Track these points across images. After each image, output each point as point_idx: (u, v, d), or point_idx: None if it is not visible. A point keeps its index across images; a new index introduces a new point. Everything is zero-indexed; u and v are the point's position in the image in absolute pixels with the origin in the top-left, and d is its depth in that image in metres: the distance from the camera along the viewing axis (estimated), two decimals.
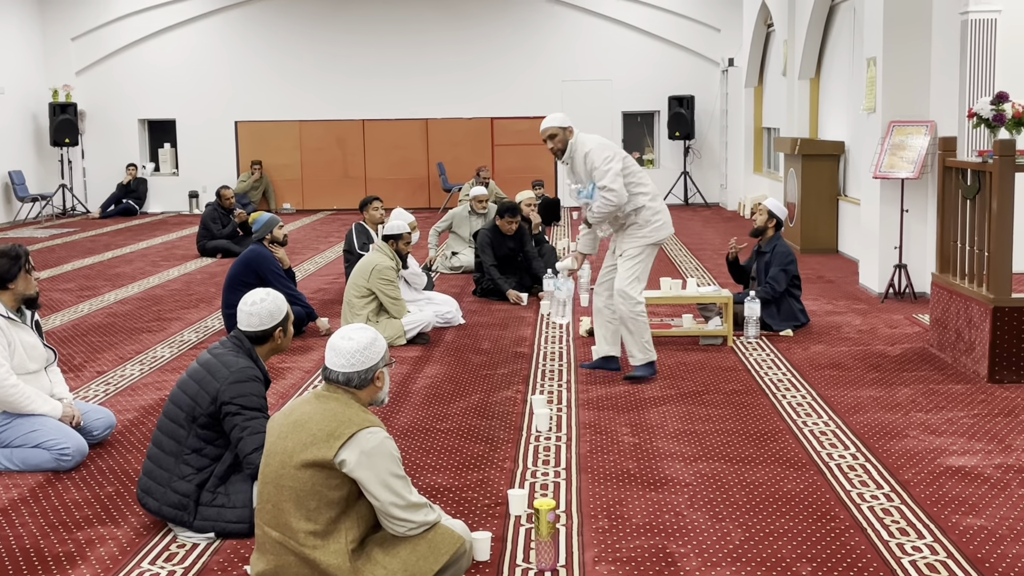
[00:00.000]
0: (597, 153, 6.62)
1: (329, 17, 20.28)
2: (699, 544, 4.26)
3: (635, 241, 6.74)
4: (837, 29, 13.78)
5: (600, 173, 6.57)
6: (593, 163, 6.60)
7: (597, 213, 6.64)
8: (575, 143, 6.74)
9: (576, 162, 6.74)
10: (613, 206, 6.56)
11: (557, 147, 6.76)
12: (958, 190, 7.24)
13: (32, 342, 5.49)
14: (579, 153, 6.70)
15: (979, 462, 5.21)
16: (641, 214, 6.75)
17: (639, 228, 6.76)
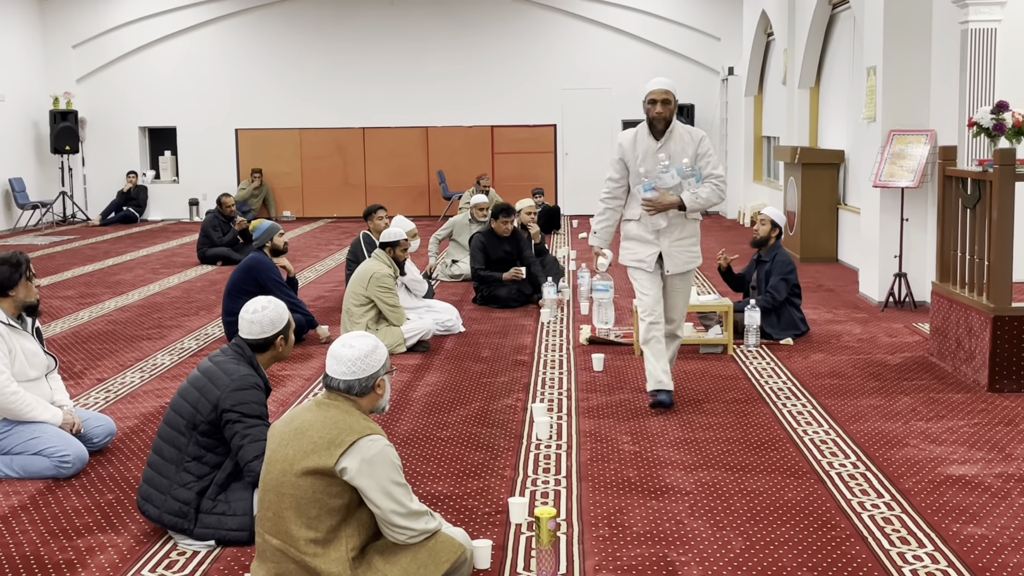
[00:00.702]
0: (710, 140, 6.31)
1: (330, 25, 20.32)
2: (700, 553, 4.26)
3: (692, 258, 6.35)
4: (837, 38, 13.81)
5: (714, 162, 6.22)
6: (708, 149, 6.22)
7: (704, 200, 6.14)
8: (676, 121, 6.23)
9: (675, 140, 6.18)
10: (718, 199, 6.20)
11: (666, 115, 6.13)
12: (958, 199, 7.25)
13: (33, 349, 5.50)
14: (683, 132, 6.20)
15: (979, 471, 5.21)
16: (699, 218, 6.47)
17: (695, 240, 6.39)
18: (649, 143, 6.17)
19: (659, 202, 6.11)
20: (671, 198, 6.09)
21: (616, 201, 6.42)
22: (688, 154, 6.15)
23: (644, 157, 6.17)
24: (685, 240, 6.28)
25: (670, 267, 6.27)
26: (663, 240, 6.24)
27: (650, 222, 6.19)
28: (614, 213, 6.44)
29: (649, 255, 6.27)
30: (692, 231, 6.33)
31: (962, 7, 8.68)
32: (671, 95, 6.13)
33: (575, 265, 12.17)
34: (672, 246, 6.25)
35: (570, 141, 20.42)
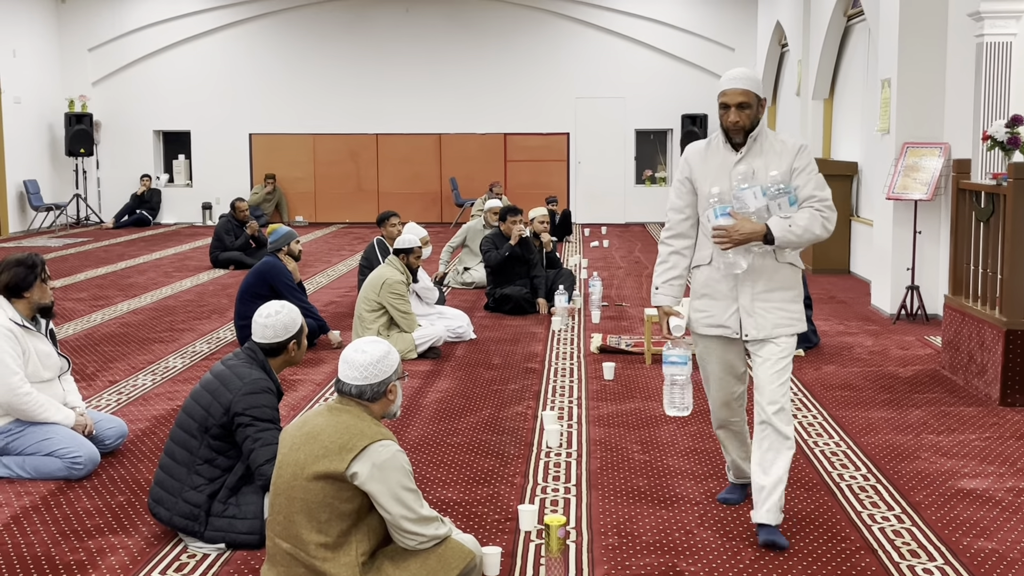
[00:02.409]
0: (811, 153, 4.52)
1: (344, 32, 20.37)
2: (709, 563, 4.26)
3: (787, 319, 4.50)
4: (851, 50, 13.80)
5: (817, 181, 4.44)
6: (808, 163, 4.46)
7: (802, 230, 4.34)
8: (763, 125, 4.54)
9: (763, 152, 4.48)
10: (822, 231, 4.37)
11: (743, 123, 4.43)
12: (972, 212, 7.24)
13: (46, 351, 5.52)
14: (775, 142, 4.51)
15: (991, 485, 5.19)
16: (799, 260, 4.61)
17: (793, 295, 4.54)
18: (726, 156, 4.47)
19: (736, 231, 4.29)
20: (753, 225, 4.31)
21: (682, 241, 4.63)
22: (780, 166, 4.43)
23: (718, 174, 4.47)
24: (775, 294, 4.47)
25: (751, 330, 4.46)
26: (743, 292, 4.47)
27: (724, 262, 4.42)
28: (680, 258, 4.63)
29: (730, 316, 4.50)
30: (787, 281, 4.50)
31: (978, 20, 8.67)
32: (752, 96, 4.41)
33: (586, 274, 12.18)
34: (756, 301, 4.46)
35: (583, 150, 20.44)
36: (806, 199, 4.42)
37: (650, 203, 20.30)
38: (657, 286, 4.69)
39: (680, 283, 4.67)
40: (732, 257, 4.40)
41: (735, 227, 4.32)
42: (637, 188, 20.60)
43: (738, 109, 4.42)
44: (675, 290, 4.66)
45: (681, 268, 4.66)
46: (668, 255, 4.67)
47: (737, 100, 4.42)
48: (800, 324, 4.51)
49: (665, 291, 4.66)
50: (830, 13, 13.67)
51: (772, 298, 4.48)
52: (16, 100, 18.82)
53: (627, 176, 20.51)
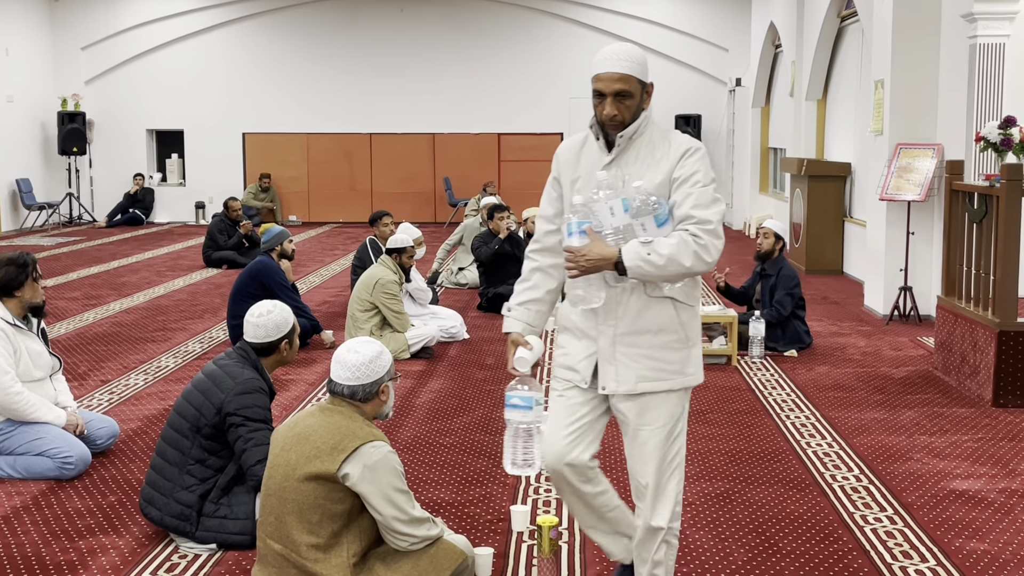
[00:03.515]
0: (704, 160, 3.49)
1: (339, 31, 20.35)
2: (702, 564, 4.26)
3: (662, 369, 3.54)
4: (845, 51, 13.82)
5: (705, 196, 3.42)
6: (694, 171, 3.45)
7: (665, 259, 3.32)
8: (649, 121, 3.56)
9: (637, 153, 3.52)
10: (695, 262, 3.35)
11: (622, 116, 3.47)
12: (964, 213, 7.25)
13: (38, 350, 5.50)
14: (658, 141, 3.52)
15: (983, 486, 5.20)
16: (692, 295, 3.61)
17: (674, 339, 3.55)
18: (597, 157, 3.55)
19: (583, 256, 3.36)
20: (604, 249, 3.35)
21: (549, 257, 3.70)
22: (655, 176, 3.46)
23: (586, 180, 3.54)
24: (644, 337, 3.49)
25: (608, 382, 3.54)
26: (603, 332, 3.53)
27: (574, 295, 3.52)
28: (545, 278, 3.71)
29: (584, 360, 3.58)
30: (662, 321, 3.51)
31: (971, 21, 8.68)
32: (633, 83, 3.46)
33: None
34: (619, 345, 3.51)
35: None
36: (681, 219, 3.38)
37: None
38: (510, 308, 3.72)
39: (539, 308, 3.69)
40: (583, 288, 3.43)
41: (583, 250, 3.35)
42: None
43: (616, 99, 3.43)
44: (530, 316, 3.67)
45: (543, 290, 3.69)
46: (530, 272, 3.72)
47: (614, 88, 3.43)
48: (684, 378, 3.53)
49: (517, 315, 3.68)
50: (824, 14, 13.69)
51: (640, 343, 3.48)
52: (9, 99, 18.78)
53: None
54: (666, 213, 3.40)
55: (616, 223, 3.40)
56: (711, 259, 3.36)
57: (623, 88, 3.43)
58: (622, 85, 3.43)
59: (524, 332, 3.65)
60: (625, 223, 3.39)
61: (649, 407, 3.53)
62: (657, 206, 3.39)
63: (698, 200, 3.39)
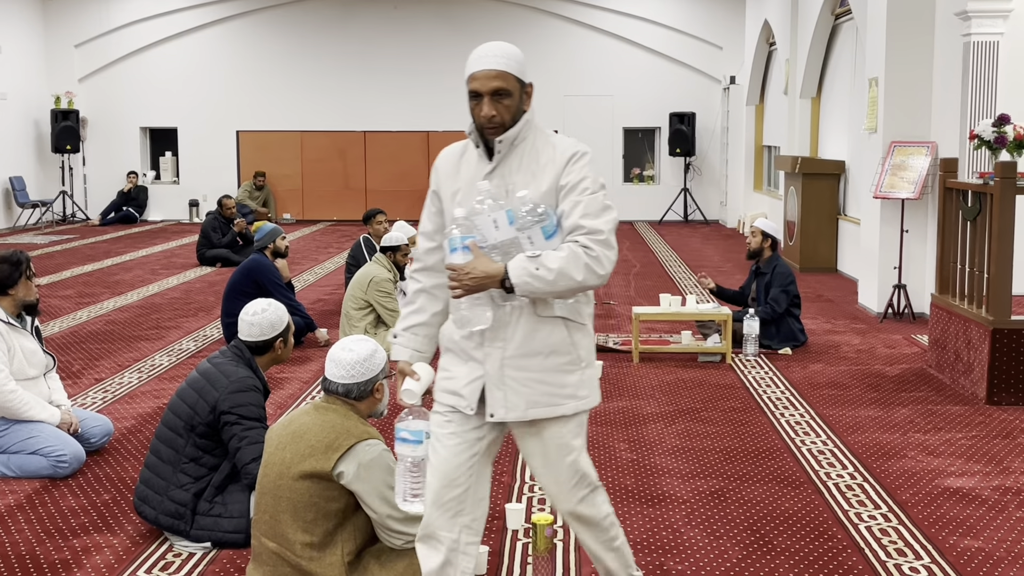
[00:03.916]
0: (591, 165, 3.28)
1: (332, 29, 20.33)
2: (696, 562, 4.26)
3: (555, 393, 3.27)
4: (839, 48, 13.83)
5: (594, 204, 3.18)
6: (582, 178, 3.21)
7: (554, 274, 3.07)
8: (531, 125, 3.32)
9: (527, 161, 3.27)
10: (586, 276, 3.10)
11: (502, 118, 3.23)
12: (958, 211, 7.26)
13: (32, 348, 5.49)
14: (542, 147, 3.29)
15: (977, 483, 5.21)
16: (584, 313, 3.36)
17: (567, 360, 3.29)
18: (478, 165, 3.31)
19: (467, 274, 3.11)
20: (489, 265, 3.11)
21: (434, 276, 3.42)
22: (541, 184, 3.22)
23: (468, 190, 3.28)
24: (534, 360, 3.24)
25: (497, 409, 3.25)
26: (490, 354, 3.25)
27: (459, 316, 3.24)
28: (431, 300, 3.43)
29: (470, 384, 3.29)
30: (554, 342, 3.26)
31: (965, 19, 8.69)
32: (511, 81, 3.23)
33: None
34: (507, 368, 3.24)
35: None
36: (571, 230, 3.13)
37: (638, 201, 20.32)
38: (396, 334, 3.45)
39: (427, 333, 3.41)
40: (467, 309, 3.18)
41: (466, 268, 3.10)
42: (625, 186, 20.61)
43: (494, 99, 3.20)
44: (418, 341, 3.40)
45: (429, 313, 3.41)
46: (415, 294, 3.44)
47: (491, 86, 3.20)
48: (577, 402, 3.27)
49: (404, 341, 3.41)
50: (818, 12, 13.70)
51: (530, 366, 3.22)
52: (2, 96, 18.73)
53: (615, 174, 20.51)
54: (554, 224, 3.15)
55: (501, 237, 3.14)
56: (604, 272, 3.12)
57: (501, 86, 3.20)
58: (499, 83, 3.20)
59: (412, 360, 3.39)
60: (511, 236, 3.14)
61: (542, 436, 3.27)
62: (544, 217, 3.14)
63: (587, 209, 3.15)
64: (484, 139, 3.29)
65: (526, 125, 3.27)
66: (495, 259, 3.13)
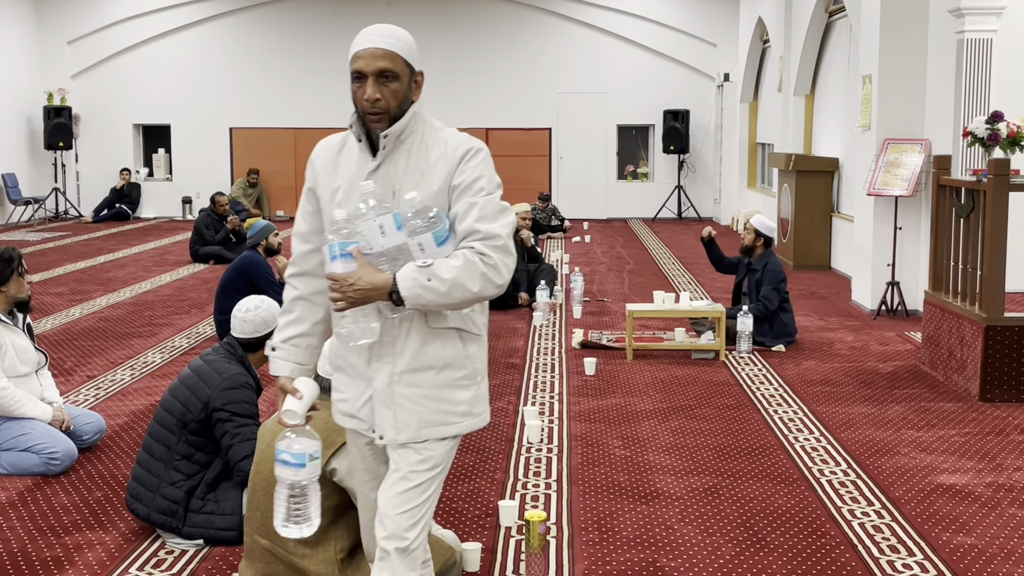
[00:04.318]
0: (487, 162, 3.00)
1: (325, 25, 20.29)
2: (690, 559, 4.26)
3: (445, 412, 2.98)
4: (833, 46, 13.83)
5: (491, 207, 2.91)
6: (477, 177, 2.93)
7: (448, 284, 2.80)
8: (420, 118, 3.01)
9: (416, 158, 2.97)
10: (483, 287, 2.84)
11: (387, 103, 2.91)
12: (952, 208, 7.26)
13: (23, 345, 5.48)
14: (435, 141, 2.99)
15: (970, 480, 5.21)
16: (480, 323, 3.08)
17: (461, 375, 3.01)
18: (361, 161, 3.00)
19: (351, 286, 2.80)
20: (375, 276, 2.82)
21: (313, 282, 3.11)
22: (431, 183, 2.92)
23: (350, 189, 2.98)
24: (426, 375, 2.96)
25: (386, 430, 2.97)
26: (379, 370, 2.97)
27: (343, 331, 2.92)
28: (310, 308, 3.12)
29: (363, 405, 3.02)
30: (448, 355, 2.98)
31: (958, 17, 8.70)
32: (400, 63, 2.94)
33: (568, 269, 12.18)
34: (397, 385, 2.96)
35: (565, 145, 20.42)
36: (465, 235, 2.86)
37: (632, 198, 20.32)
38: (274, 346, 3.12)
39: (308, 343, 3.10)
40: (351, 323, 2.87)
41: (349, 278, 2.79)
42: (619, 183, 20.60)
43: (379, 80, 2.90)
44: (299, 354, 3.08)
45: (310, 322, 3.10)
46: (292, 302, 3.12)
47: (377, 66, 2.89)
48: (471, 420, 3.01)
49: (284, 354, 3.08)
50: (812, 9, 13.70)
51: (421, 381, 2.94)
52: None
53: (609, 171, 20.51)
54: (446, 229, 2.84)
55: (387, 243, 2.83)
56: (502, 281, 2.86)
57: (387, 67, 2.89)
58: (386, 63, 2.89)
59: (294, 374, 3.05)
60: (398, 243, 2.83)
61: (423, 451, 2.96)
62: (435, 221, 2.82)
63: (483, 211, 2.87)
64: (368, 132, 2.97)
65: (414, 118, 2.96)
66: (381, 268, 2.83)
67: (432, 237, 2.82)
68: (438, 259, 2.80)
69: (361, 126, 2.97)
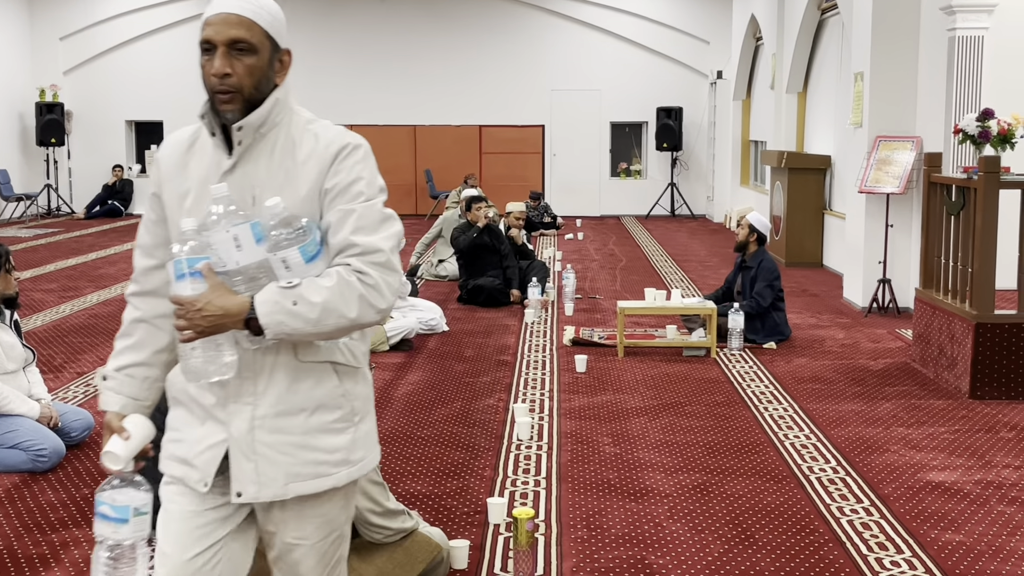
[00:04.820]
0: (367, 161, 2.47)
1: (318, 22, 20.26)
2: (678, 556, 4.25)
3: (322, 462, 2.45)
4: (825, 43, 13.84)
5: (371, 215, 2.42)
6: (352, 181, 2.41)
7: (319, 316, 2.29)
8: (285, 107, 2.49)
9: (280, 155, 2.44)
10: (375, 313, 2.36)
11: (240, 81, 2.39)
12: (943, 206, 7.27)
13: (11, 342, 5.46)
14: (305, 136, 2.46)
15: (959, 478, 5.21)
16: (358, 353, 2.56)
17: (339, 416, 2.48)
18: (215, 158, 2.48)
19: (199, 311, 2.29)
20: (229, 299, 2.32)
21: (155, 302, 2.56)
22: (299, 187, 2.42)
23: (201, 192, 2.46)
24: (296, 418, 2.44)
25: (246, 486, 2.43)
26: (237, 412, 2.44)
27: (190, 366, 2.39)
28: (152, 332, 2.58)
29: (205, 451, 2.47)
30: (323, 392, 2.46)
31: (950, 14, 8.70)
32: (259, 33, 2.41)
33: (560, 266, 12.17)
34: (259, 431, 2.43)
35: (558, 142, 20.42)
36: (340, 249, 2.36)
37: (625, 196, 20.33)
38: (105, 375, 2.61)
39: (146, 374, 2.57)
40: (200, 356, 2.35)
41: (197, 301, 2.28)
42: (612, 181, 20.61)
43: (231, 52, 2.38)
44: (135, 386, 2.58)
45: (150, 350, 2.57)
46: (132, 324, 2.57)
47: (229, 35, 2.36)
48: (351, 468, 2.47)
49: (116, 385, 2.58)
50: (804, 7, 13.70)
51: (290, 427, 2.41)
52: None
53: (602, 169, 20.51)
54: (317, 242, 2.35)
55: (245, 259, 2.33)
56: (385, 304, 2.35)
57: (242, 36, 2.36)
58: (241, 32, 2.35)
59: (126, 410, 2.55)
60: (258, 259, 2.33)
61: (305, 515, 2.46)
62: (304, 233, 2.32)
63: (362, 221, 2.37)
64: (223, 125, 2.44)
65: (277, 106, 2.44)
66: (237, 289, 2.32)
67: (299, 252, 2.31)
68: (307, 278, 2.30)
69: (215, 115, 2.43)
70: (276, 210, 2.32)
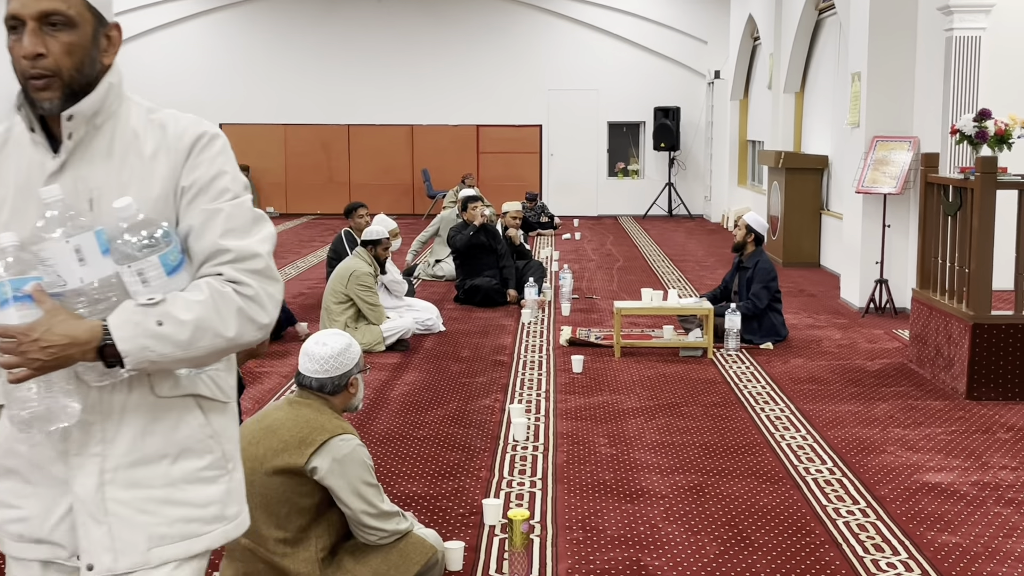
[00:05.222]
0: (228, 156, 2.16)
1: (316, 21, 20.25)
2: (674, 557, 4.24)
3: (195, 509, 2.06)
4: (823, 43, 13.83)
5: (240, 215, 2.06)
6: (218, 174, 2.07)
7: (191, 336, 1.91)
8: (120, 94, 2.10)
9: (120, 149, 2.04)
10: (257, 330, 2.00)
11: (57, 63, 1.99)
12: (940, 206, 7.26)
13: None
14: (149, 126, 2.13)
15: (956, 479, 5.20)
16: (225, 385, 2.17)
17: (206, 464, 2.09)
18: (35, 158, 2.07)
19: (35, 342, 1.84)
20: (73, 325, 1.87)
21: None
22: (150, 186, 2.03)
23: (19, 199, 2.05)
24: (156, 467, 2.02)
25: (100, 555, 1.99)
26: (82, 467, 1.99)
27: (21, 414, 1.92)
28: None
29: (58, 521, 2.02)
30: (190, 435, 2.06)
31: (947, 14, 8.69)
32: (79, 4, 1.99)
33: (557, 266, 12.16)
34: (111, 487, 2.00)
35: (555, 142, 20.41)
36: (208, 257, 2.02)
37: (622, 196, 20.32)
38: None
39: None
40: (35, 401, 1.92)
41: (31, 331, 1.86)
42: (609, 180, 20.60)
43: (44, 28, 2.00)
44: None
45: None
46: None
47: (39, 8, 1.98)
48: (226, 526, 2.12)
49: None
50: (802, 7, 13.69)
51: (148, 479, 2.02)
52: None
53: (599, 168, 20.50)
54: (179, 250, 1.99)
55: (89, 275, 1.93)
56: (268, 319, 2.01)
57: (55, 8, 1.96)
58: (53, 3, 1.96)
59: None
60: (106, 273, 1.94)
61: None
62: (162, 239, 1.95)
63: (232, 222, 2.03)
64: (43, 118, 2.06)
65: (112, 92, 2.05)
66: (79, 311, 1.92)
67: (159, 261, 1.93)
68: (170, 294, 1.93)
69: (32, 108, 2.05)
70: (127, 213, 1.93)
